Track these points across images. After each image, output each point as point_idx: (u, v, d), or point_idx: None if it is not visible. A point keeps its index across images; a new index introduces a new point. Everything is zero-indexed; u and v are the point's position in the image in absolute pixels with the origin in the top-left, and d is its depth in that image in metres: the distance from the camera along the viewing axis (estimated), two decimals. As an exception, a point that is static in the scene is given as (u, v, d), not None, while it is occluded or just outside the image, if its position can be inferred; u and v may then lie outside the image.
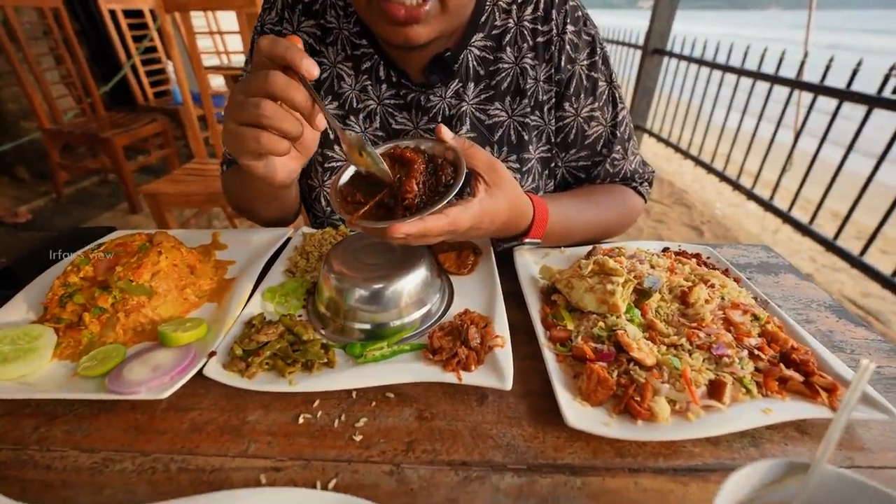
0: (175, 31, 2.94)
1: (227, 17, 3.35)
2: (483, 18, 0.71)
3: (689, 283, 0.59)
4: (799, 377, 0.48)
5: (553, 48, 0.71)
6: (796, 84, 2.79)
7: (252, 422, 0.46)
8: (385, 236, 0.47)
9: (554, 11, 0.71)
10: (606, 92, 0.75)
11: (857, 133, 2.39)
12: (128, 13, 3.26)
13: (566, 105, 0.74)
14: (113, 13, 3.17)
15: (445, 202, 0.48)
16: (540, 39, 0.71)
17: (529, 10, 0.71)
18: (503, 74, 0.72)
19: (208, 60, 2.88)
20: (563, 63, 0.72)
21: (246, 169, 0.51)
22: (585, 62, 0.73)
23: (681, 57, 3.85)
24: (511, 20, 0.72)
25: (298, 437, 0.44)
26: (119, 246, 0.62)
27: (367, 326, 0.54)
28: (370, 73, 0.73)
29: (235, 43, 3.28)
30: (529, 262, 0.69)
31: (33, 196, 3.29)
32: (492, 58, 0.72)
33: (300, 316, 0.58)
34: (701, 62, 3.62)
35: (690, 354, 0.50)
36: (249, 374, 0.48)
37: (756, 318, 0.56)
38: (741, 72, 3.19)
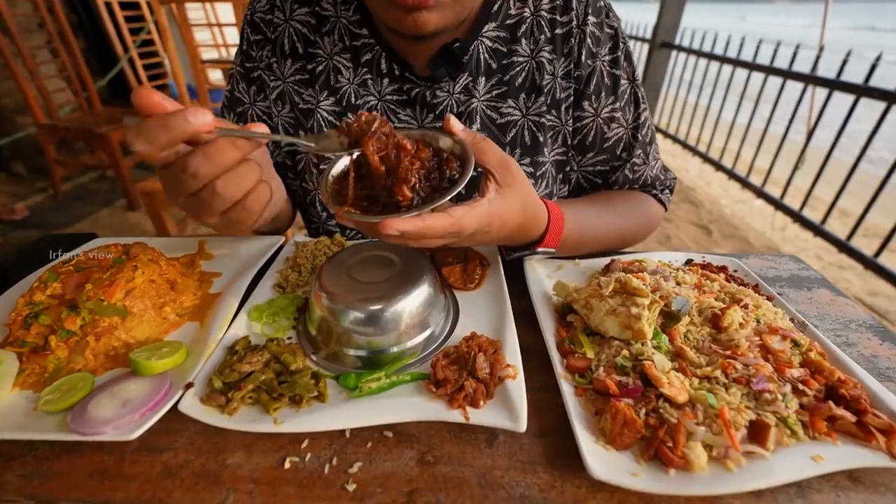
0: (172, 24, 2.88)
1: (225, 9, 3.26)
2: (496, 7, 0.65)
3: (721, 305, 0.53)
4: (850, 416, 0.42)
5: (573, 41, 0.65)
6: (811, 79, 2.70)
7: (232, 466, 0.41)
8: (378, 233, 0.40)
9: (574, 1, 0.64)
10: (629, 91, 0.69)
11: (875, 130, 2.31)
12: (124, 5, 3.18)
13: (585, 104, 0.68)
14: (109, 5, 3.10)
15: (448, 199, 0.41)
16: (559, 31, 0.65)
17: None
18: (517, 69, 0.66)
19: (207, 53, 2.80)
20: (583, 58, 0.65)
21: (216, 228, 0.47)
22: (607, 57, 0.66)
23: (690, 51, 3.76)
24: (527, 9, 0.65)
25: (284, 485, 0.39)
26: (91, 259, 0.56)
27: (363, 353, 0.49)
28: (371, 66, 0.66)
29: (235, 35, 3.21)
30: (542, 276, 0.63)
31: (31, 192, 3.24)
32: (505, 50, 0.66)
33: (289, 338, 0.53)
34: (711, 56, 3.53)
35: (727, 389, 0.44)
36: (230, 409, 0.42)
37: (796, 344, 0.50)
38: (753, 66, 3.10)
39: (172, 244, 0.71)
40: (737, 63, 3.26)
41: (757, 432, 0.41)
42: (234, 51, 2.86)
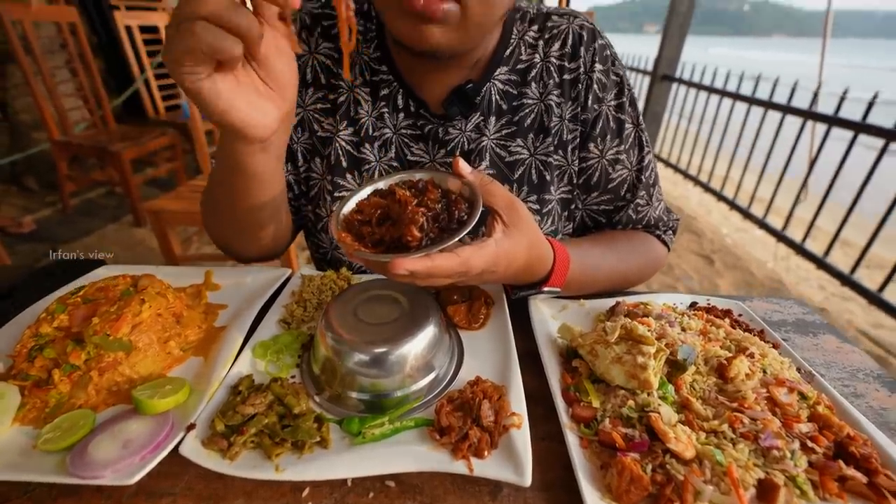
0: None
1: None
2: (508, 52, 0.68)
3: (727, 353, 0.53)
4: (861, 477, 0.42)
5: (580, 86, 0.68)
6: (810, 115, 2.75)
7: (231, 513, 0.40)
8: (388, 272, 0.41)
9: (582, 49, 0.67)
10: (633, 134, 0.70)
11: (873, 167, 2.34)
12: (144, 28, 3.30)
13: (591, 146, 0.70)
14: (129, 28, 3.21)
15: (456, 240, 0.42)
16: (567, 77, 0.68)
17: (557, 45, 0.68)
18: (527, 110, 0.68)
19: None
20: (590, 102, 0.68)
21: (189, 94, 0.41)
22: (613, 103, 0.69)
23: (690, 84, 3.85)
24: (537, 55, 0.68)
25: (283, 536, 0.38)
26: (99, 291, 0.57)
27: (367, 397, 0.48)
28: (388, 101, 0.69)
29: (247, 61, 3.31)
30: (546, 317, 0.63)
31: (40, 206, 3.28)
32: (516, 92, 0.68)
33: (293, 377, 0.52)
34: (711, 89, 3.61)
35: (734, 445, 0.43)
36: (231, 454, 0.42)
37: (804, 396, 0.50)
38: (752, 101, 3.16)
39: (179, 273, 0.71)
40: (736, 97, 3.33)
41: (766, 492, 0.40)
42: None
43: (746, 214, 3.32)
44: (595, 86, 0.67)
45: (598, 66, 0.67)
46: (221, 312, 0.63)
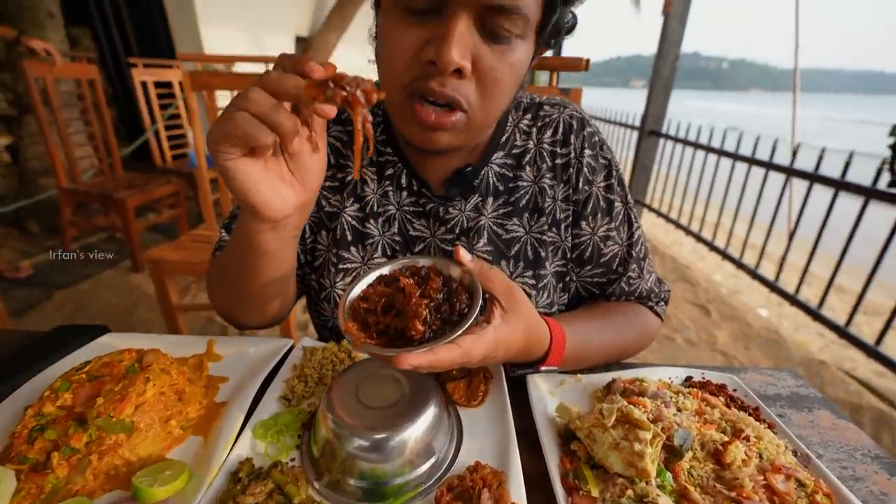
0: (200, 101, 3.13)
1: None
2: (504, 138, 0.73)
3: (723, 437, 0.54)
4: (864, 576, 0.41)
5: (571, 170, 0.73)
6: (791, 171, 2.88)
7: None
8: (391, 364, 0.44)
9: (572, 136, 0.73)
10: (622, 212, 0.75)
11: (857, 223, 2.42)
12: (158, 84, 3.49)
13: (583, 224, 0.74)
14: (144, 83, 3.40)
15: (458, 334, 0.45)
16: (558, 161, 0.73)
17: (549, 133, 0.74)
18: (522, 192, 0.73)
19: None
20: (580, 184, 0.73)
21: (219, 169, 0.46)
22: (602, 184, 0.74)
23: (676, 139, 4.05)
24: (531, 141, 0.74)
25: None
26: (105, 366, 0.57)
27: (366, 484, 0.48)
28: (392, 180, 0.73)
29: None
30: (544, 394, 0.64)
31: (39, 250, 3.30)
32: (511, 175, 0.73)
33: (292, 460, 0.52)
34: (696, 145, 3.79)
35: (735, 541, 0.43)
36: (228, 549, 0.41)
37: (801, 483, 0.50)
38: (736, 156, 3.32)
39: (180, 342, 0.72)
40: (721, 153, 3.50)
41: None
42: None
43: (739, 265, 3.38)
44: (585, 169, 0.73)
45: (587, 152, 0.73)
46: (222, 386, 0.64)
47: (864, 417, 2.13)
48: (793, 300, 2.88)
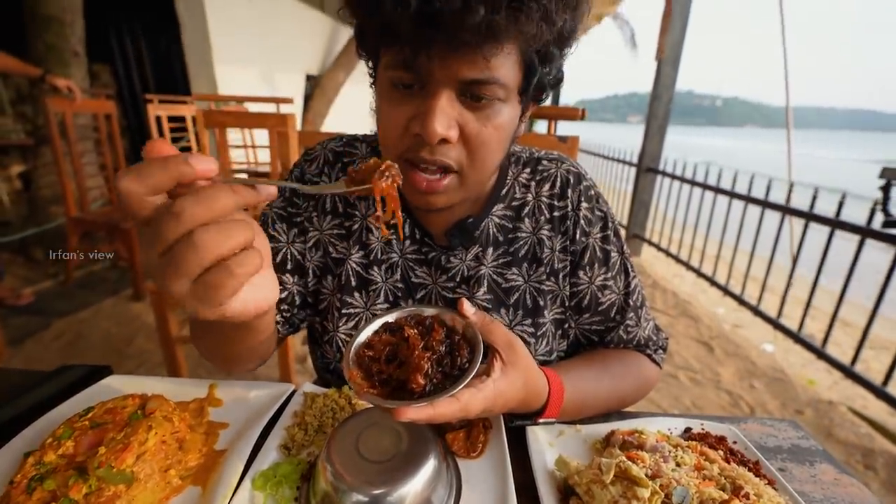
0: (211, 137, 3.25)
1: (260, 133, 3.70)
2: (504, 191, 0.77)
3: (722, 495, 0.53)
4: None
5: (568, 222, 0.76)
6: (787, 210, 2.93)
7: None
8: (391, 415, 0.45)
9: (570, 190, 0.76)
10: (619, 262, 0.77)
11: (854, 262, 2.44)
12: (172, 118, 3.63)
13: (580, 273, 0.77)
14: (158, 118, 3.53)
15: (459, 388, 0.47)
16: (556, 213, 0.76)
17: (547, 186, 0.77)
18: (521, 243, 0.76)
19: (238, 166, 3.12)
20: (577, 236, 0.76)
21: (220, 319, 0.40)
22: (598, 235, 0.77)
23: (673, 177, 4.13)
24: (530, 194, 0.77)
25: None
26: (108, 413, 0.58)
27: (364, 543, 0.48)
28: (396, 230, 0.76)
29: (265, 155, 3.60)
30: (543, 446, 0.64)
31: (42, 277, 3.32)
32: (511, 227, 0.76)
33: (290, 513, 0.52)
34: (693, 183, 3.87)
35: None
36: None
37: (803, 547, 0.50)
38: (733, 195, 3.38)
39: (181, 384, 0.72)
40: (717, 190, 3.56)
41: None
42: (262, 168, 3.16)
43: (741, 301, 3.37)
44: (582, 221, 0.76)
45: (584, 205, 0.76)
46: (222, 432, 0.64)
47: (876, 462, 2.07)
48: (796, 338, 2.86)
